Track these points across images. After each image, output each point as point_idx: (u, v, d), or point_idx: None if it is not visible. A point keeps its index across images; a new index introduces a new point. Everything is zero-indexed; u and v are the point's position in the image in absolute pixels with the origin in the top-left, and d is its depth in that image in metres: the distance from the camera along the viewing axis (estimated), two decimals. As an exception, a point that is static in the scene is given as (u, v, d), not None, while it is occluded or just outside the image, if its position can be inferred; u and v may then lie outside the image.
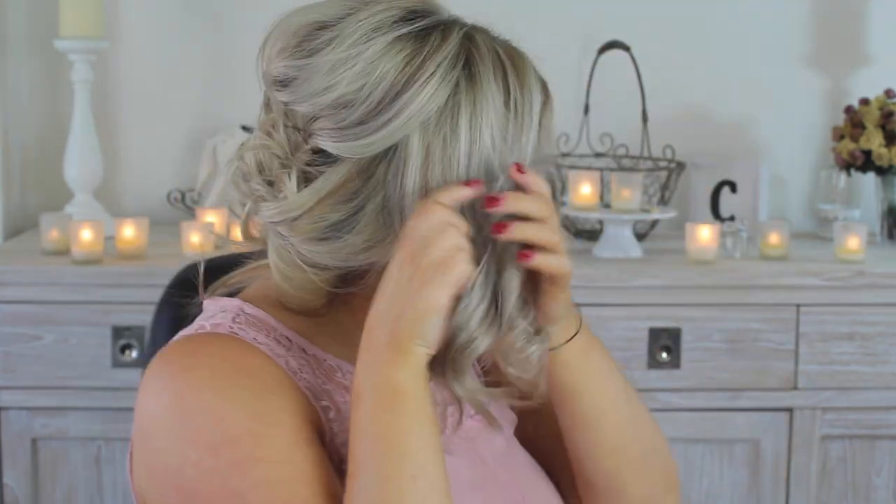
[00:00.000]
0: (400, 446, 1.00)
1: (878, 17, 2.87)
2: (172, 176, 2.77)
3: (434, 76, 1.04)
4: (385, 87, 1.03)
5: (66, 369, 2.31)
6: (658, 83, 2.75)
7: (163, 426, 1.04)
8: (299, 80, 1.06)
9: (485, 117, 1.05)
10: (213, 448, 1.02)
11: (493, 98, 1.05)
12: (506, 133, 1.06)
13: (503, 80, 1.07)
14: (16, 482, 2.33)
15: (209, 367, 1.05)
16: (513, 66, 1.08)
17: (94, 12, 2.56)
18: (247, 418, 1.02)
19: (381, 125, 1.03)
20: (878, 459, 2.45)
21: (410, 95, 1.03)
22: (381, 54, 1.04)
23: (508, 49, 1.10)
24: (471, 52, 1.07)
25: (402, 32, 1.05)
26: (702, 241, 2.44)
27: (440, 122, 1.04)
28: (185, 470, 1.02)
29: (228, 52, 2.73)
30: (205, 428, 1.02)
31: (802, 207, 2.90)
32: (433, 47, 1.05)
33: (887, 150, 2.65)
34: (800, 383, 2.41)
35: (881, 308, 2.41)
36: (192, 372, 1.05)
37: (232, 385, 1.04)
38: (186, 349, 1.08)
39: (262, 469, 1.01)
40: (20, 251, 2.46)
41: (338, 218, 1.06)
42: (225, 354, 1.07)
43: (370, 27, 1.05)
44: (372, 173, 1.05)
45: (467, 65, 1.06)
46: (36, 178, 2.76)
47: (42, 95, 2.76)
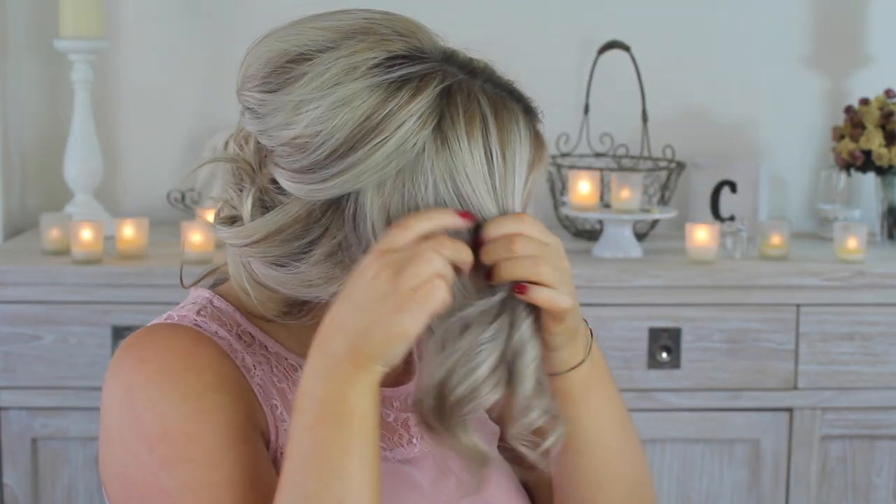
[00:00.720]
0: (336, 467, 0.97)
1: (878, 17, 2.87)
2: (172, 176, 2.77)
3: (392, 137, 1.00)
4: (339, 140, 1.01)
5: (66, 369, 2.31)
6: (658, 83, 2.75)
7: (115, 417, 1.07)
8: (264, 111, 1.06)
9: (458, 180, 1.01)
10: (151, 444, 1.04)
11: (467, 161, 1.01)
12: (490, 190, 1.02)
13: (482, 140, 1.01)
14: (16, 482, 2.33)
15: (160, 360, 1.07)
16: (496, 122, 1.02)
17: (94, 12, 2.56)
18: (183, 417, 1.04)
19: (328, 176, 1.01)
20: (878, 459, 2.45)
21: (363, 154, 1.00)
22: (342, 103, 1.00)
23: (495, 103, 1.03)
24: (444, 112, 1.01)
25: (373, 82, 1.01)
26: (702, 241, 2.44)
27: (398, 182, 1.01)
28: (128, 462, 1.05)
29: (228, 52, 2.73)
30: (147, 423, 1.04)
31: (802, 207, 2.90)
32: (401, 103, 1.00)
33: (887, 150, 2.65)
34: (800, 383, 2.41)
35: (881, 308, 2.41)
36: (145, 364, 1.07)
37: (176, 381, 1.05)
38: (145, 340, 1.10)
39: (190, 470, 1.02)
40: (20, 251, 2.46)
41: (287, 251, 1.06)
42: (179, 348, 1.08)
43: (342, 69, 1.01)
44: (319, 217, 1.04)
45: (438, 126, 1.01)
46: (36, 178, 2.76)
47: (42, 95, 2.76)
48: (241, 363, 1.10)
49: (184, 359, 1.07)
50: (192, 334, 1.09)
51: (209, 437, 1.03)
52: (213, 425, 1.04)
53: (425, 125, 1.01)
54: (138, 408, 1.05)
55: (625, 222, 2.49)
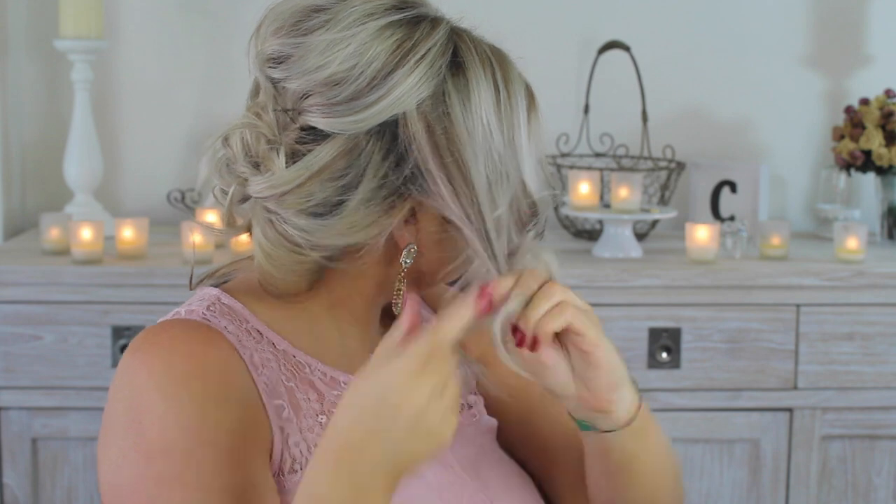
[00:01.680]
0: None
1: (878, 17, 2.87)
2: (172, 176, 2.77)
3: (424, 60, 1.07)
4: (376, 67, 1.06)
5: (66, 369, 2.31)
6: (658, 83, 2.75)
7: (117, 421, 1.06)
8: (294, 57, 1.08)
9: (475, 105, 1.07)
10: (150, 456, 1.03)
11: (482, 88, 1.08)
12: (500, 124, 1.08)
13: (491, 74, 1.09)
14: (16, 482, 2.33)
15: (166, 363, 1.06)
16: (498, 63, 1.10)
17: (94, 12, 2.56)
18: (184, 433, 1.04)
19: (371, 102, 1.06)
20: (878, 459, 2.45)
21: (401, 76, 1.06)
22: (372, 37, 1.07)
23: (493, 48, 1.12)
24: (458, 44, 1.09)
25: (393, 19, 1.08)
26: (702, 241, 2.44)
27: (435, 105, 1.07)
28: (121, 466, 1.04)
29: (228, 51, 2.73)
30: (148, 434, 1.04)
31: (802, 207, 2.90)
32: (423, 34, 1.08)
33: (887, 150, 2.65)
34: (800, 383, 2.41)
35: (881, 308, 2.41)
36: (150, 367, 1.06)
37: (180, 390, 1.04)
38: (153, 341, 1.08)
39: (180, 492, 1.02)
40: (20, 251, 2.46)
41: (326, 196, 1.07)
42: (186, 350, 1.07)
43: (363, 13, 1.08)
44: (363, 149, 1.07)
45: (455, 55, 1.09)
46: (36, 178, 2.76)
47: (42, 95, 2.76)
48: (249, 359, 1.09)
49: (191, 362, 1.06)
50: (201, 330, 1.09)
51: (206, 460, 1.03)
52: (212, 446, 1.04)
53: (444, 54, 1.08)
54: (142, 416, 1.05)
55: (625, 222, 2.50)
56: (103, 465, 1.07)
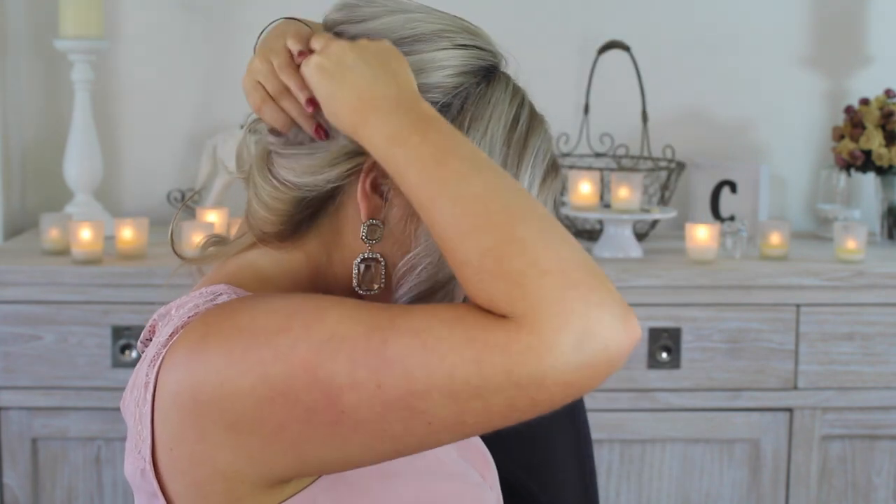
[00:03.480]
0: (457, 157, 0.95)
1: (878, 17, 2.87)
2: (172, 176, 2.77)
3: (462, 50, 1.06)
4: (416, 32, 1.06)
5: (66, 369, 2.31)
6: (658, 83, 2.75)
7: (226, 366, 0.96)
8: (359, 6, 1.09)
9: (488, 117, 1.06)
10: (283, 329, 0.95)
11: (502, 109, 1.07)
12: (507, 151, 1.06)
13: (516, 106, 1.08)
14: (16, 482, 2.33)
15: (246, 302, 1.01)
16: (530, 111, 1.09)
17: (94, 12, 2.56)
18: (297, 298, 0.99)
19: None
20: (878, 459, 2.45)
21: (432, 47, 1.06)
22: (431, 20, 1.07)
23: (533, 107, 1.10)
24: (500, 71, 1.09)
25: (462, 40, 1.08)
26: (702, 241, 2.44)
27: None
28: (268, 374, 0.94)
29: (228, 52, 2.73)
30: (266, 325, 0.96)
31: (802, 207, 2.90)
32: (476, 46, 1.08)
33: (887, 150, 2.65)
34: (800, 383, 2.41)
35: (881, 308, 2.41)
36: (235, 312, 0.99)
37: (270, 295, 1.01)
38: (215, 313, 1.01)
39: (334, 310, 0.95)
40: (20, 251, 2.46)
41: None
42: (254, 295, 1.04)
43: (440, 26, 1.09)
44: None
45: (492, 71, 1.08)
46: (36, 178, 2.76)
47: (42, 95, 2.76)
48: None
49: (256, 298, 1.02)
50: None
51: (328, 295, 0.99)
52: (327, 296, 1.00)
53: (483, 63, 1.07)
54: (248, 326, 0.96)
55: (625, 222, 2.50)
56: (240, 423, 0.96)
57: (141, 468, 1.03)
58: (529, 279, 0.89)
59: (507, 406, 0.89)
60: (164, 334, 1.05)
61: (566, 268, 0.90)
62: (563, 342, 0.87)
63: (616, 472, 2.41)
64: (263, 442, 0.96)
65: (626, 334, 0.90)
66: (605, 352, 0.89)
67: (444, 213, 0.93)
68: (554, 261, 0.90)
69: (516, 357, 0.88)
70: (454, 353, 0.89)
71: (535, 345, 0.87)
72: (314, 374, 0.93)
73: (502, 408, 0.90)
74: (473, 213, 0.92)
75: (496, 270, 0.89)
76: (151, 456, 1.02)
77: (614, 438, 2.38)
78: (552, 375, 0.88)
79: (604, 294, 0.91)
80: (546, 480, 1.45)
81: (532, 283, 0.88)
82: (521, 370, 0.88)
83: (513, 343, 0.88)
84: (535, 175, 1.07)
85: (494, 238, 0.90)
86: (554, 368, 0.87)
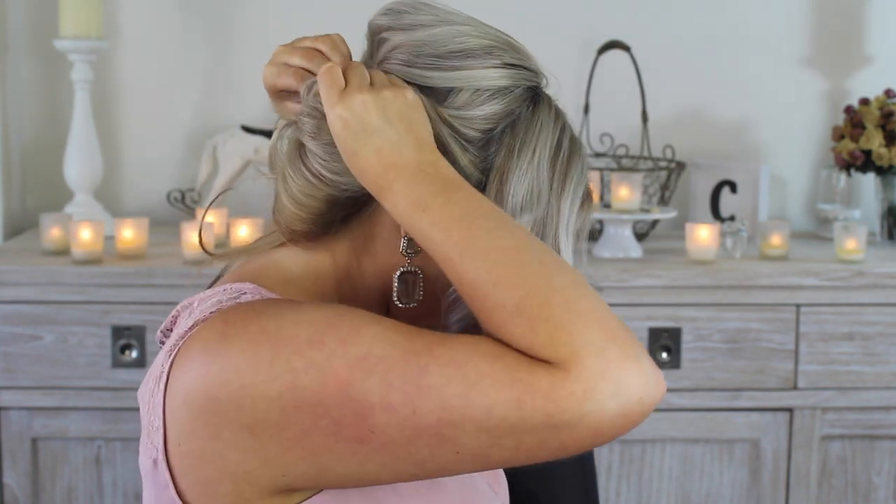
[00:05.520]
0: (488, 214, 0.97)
1: (878, 17, 2.87)
2: (172, 176, 2.77)
3: (510, 69, 1.07)
4: (466, 47, 1.06)
5: (66, 369, 2.31)
6: (658, 83, 2.75)
7: (249, 370, 0.96)
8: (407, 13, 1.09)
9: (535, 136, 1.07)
10: (316, 342, 0.94)
11: (546, 130, 1.08)
12: (552, 172, 1.07)
13: (559, 129, 1.09)
14: (16, 482, 2.33)
15: (270, 304, 1.00)
16: (571, 136, 1.10)
17: (94, 12, 2.56)
18: (328, 311, 0.98)
19: (446, 67, 1.06)
20: (878, 459, 2.45)
21: (481, 64, 1.06)
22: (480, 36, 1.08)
23: (575, 137, 1.12)
24: (544, 94, 1.10)
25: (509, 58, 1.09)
26: (702, 241, 2.44)
27: None
28: (297, 384, 0.94)
29: (228, 52, 2.73)
30: (296, 334, 0.95)
31: (802, 207, 2.90)
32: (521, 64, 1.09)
33: (887, 150, 2.65)
34: (800, 383, 2.41)
35: (881, 308, 2.41)
36: (258, 312, 0.99)
37: (297, 303, 1.00)
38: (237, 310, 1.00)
39: (370, 329, 0.95)
40: (20, 251, 2.46)
41: None
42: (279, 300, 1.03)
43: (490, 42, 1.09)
44: None
45: (538, 93, 1.09)
46: (36, 178, 2.76)
47: (42, 95, 2.76)
48: None
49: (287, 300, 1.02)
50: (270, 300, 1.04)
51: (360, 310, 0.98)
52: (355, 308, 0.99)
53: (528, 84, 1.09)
54: (279, 332, 0.96)
55: (625, 222, 2.50)
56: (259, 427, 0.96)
57: (153, 458, 1.02)
58: (574, 326, 0.91)
59: (536, 446, 0.91)
60: (183, 326, 1.04)
61: (605, 318, 0.93)
62: (603, 391, 0.89)
63: (616, 472, 2.41)
64: (283, 447, 0.95)
65: (657, 388, 0.92)
66: (639, 404, 0.91)
67: (474, 265, 0.94)
68: (593, 311, 0.92)
69: (559, 402, 0.89)
70: (495, 391, 0.90)
71: (577, 392, 0.89)
72: (347, 390, 0.93)
73: (532, 447, 0.91)
74: (506, 264, 0.93)
75: (539, 315, 0.91)
76: (164, 447, 1.01)
77: (614, 438, 2.38)
78: (587, 422, 0.90)
79: (638, 349, 0.93)
80: (546, 481, 1.45)
81: (577, 330, 0.91)
82: (561, 416, 0.89)
83: (557, 388, 0.89)
84: (576, 199, 1.09)
85: (533, 286, 0.92)
86: (591, 415, 0.89)
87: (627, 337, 0.93)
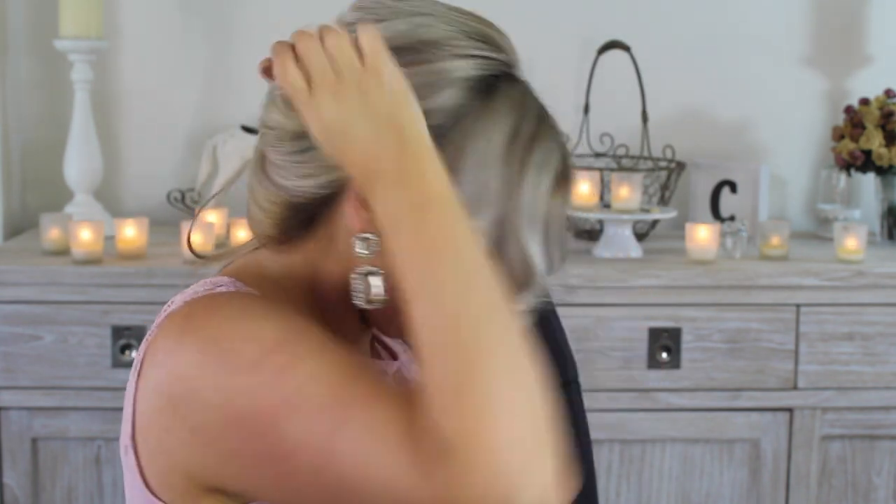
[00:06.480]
0: None
1: (878, 17, 2.87)
2: (172, 176, 2.77)
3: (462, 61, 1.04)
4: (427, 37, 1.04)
5: (66, 369, 2.31)
6: (658, 83, 2.75)
7: (200, 374, 0.98)
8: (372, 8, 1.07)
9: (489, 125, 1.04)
10: (256, 366, 0.96)
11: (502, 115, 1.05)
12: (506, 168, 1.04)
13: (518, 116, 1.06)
14: (16, 482, 2.33)
15: (234, 305, 1.02)
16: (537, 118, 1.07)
17: (94, 12, 2.56)
18: (279, 331, 0.98)
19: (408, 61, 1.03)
20: (878, 459, 2.45)
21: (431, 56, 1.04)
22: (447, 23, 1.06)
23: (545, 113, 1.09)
24: (500, 80, 1.06)
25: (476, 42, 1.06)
26: (702, 241, 2.44)
27: None
28: (234, 403, 0.96)
29: (228, 52, 2.73)
30: (242, 351, 0.97)
31: (802, 207, 2.90)
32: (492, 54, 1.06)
33: (887, 150, 2.65)
34: (800, 383, 2.41)
35: (881, 308, 2.41)
36: (217, 312, 1.01)
37: (258, 310, 1.01)
38: (198, 308, 1.03)
39: (310, 363, 0.96)
40: (20, 251, 2.46)
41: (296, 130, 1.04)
42: (247, 298, 1.04)
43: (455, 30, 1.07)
44: None
45: (491, 84, 1.05)
46: (36, 178, 2.76)
47: (42, 95, 2.76)
48: None
49: (255, 301, 1.03)
50: (243, 294, 1.06)
51: (311, 337, 0.98)
52: (309, 330, 0.99)
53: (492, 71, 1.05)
54: (228, 346, 0.98)
55: (625, 222, 2.50)
56: (205, 429, 0.98)
57: (125, 444, 1.05)
58: (488, 420, 0.89)
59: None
60: (162, 316, 1.07)
61: (522, 416, 0.90)
62: (496, 492, 0.88)
63: (616, 472, 2.41)
64: (219, 459, 0.98)
65: (554, 498, 0.90)
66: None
67: (421, 314, 0.93)
68: (507, 408, 0.89)
69: (453, 492, 0.88)
70: (394, 472, 0.90)
71: (473, 484, 0.88)
72: (273, 422, 0.95)
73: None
74: (444, 331, 0.91)
75: (453, 400, 0.89)
76: (132, 434, 1.04)
77: (614, 438, 2.38)
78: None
79: (545, 453, 0.90)
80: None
81: (489, 424, 0.88)
82: None
83: (452, 483, 0.88)
84: (540, 185, 1.05)
85: (463, 363, 0.90)
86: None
87: (539, 439, 0.90)
